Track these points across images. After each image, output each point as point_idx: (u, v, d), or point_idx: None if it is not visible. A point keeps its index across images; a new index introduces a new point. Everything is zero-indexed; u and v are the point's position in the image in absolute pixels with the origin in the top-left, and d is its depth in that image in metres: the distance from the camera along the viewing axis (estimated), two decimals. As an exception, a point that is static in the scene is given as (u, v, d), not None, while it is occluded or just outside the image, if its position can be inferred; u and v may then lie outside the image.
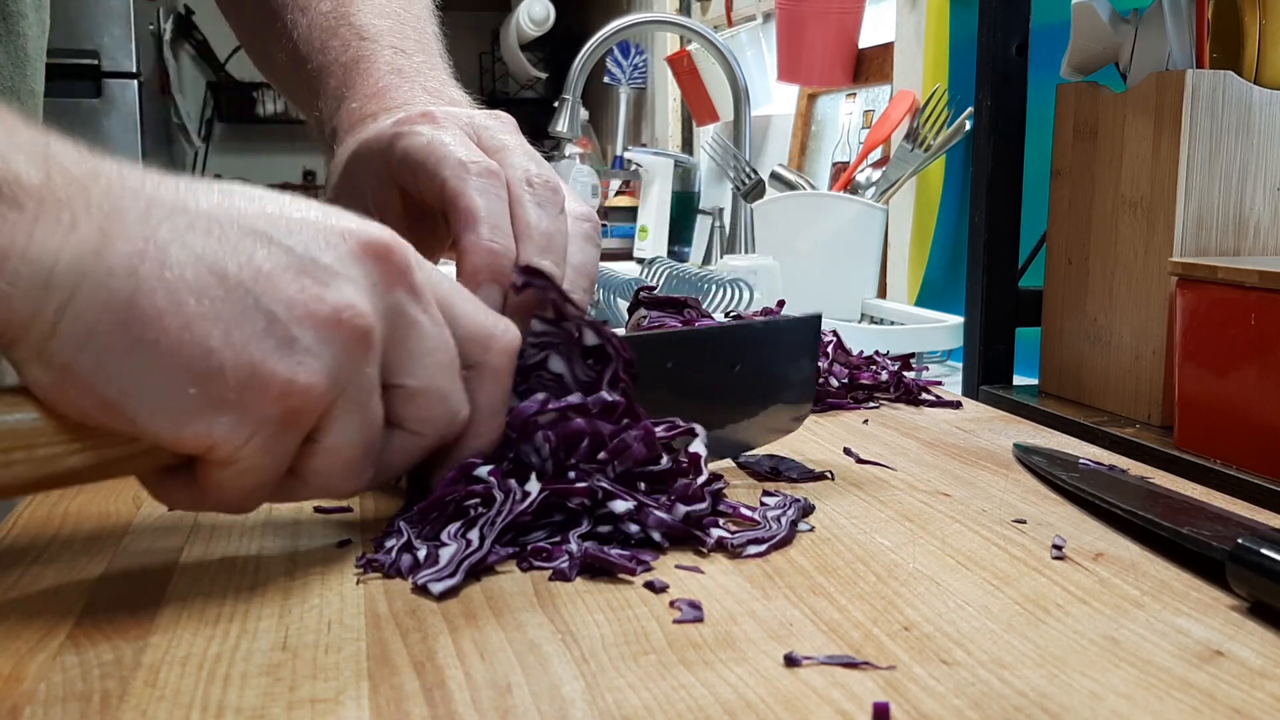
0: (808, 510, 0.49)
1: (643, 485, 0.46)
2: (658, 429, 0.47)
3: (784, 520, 0.46)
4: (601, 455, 0.46)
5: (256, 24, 0.68)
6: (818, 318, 0.56)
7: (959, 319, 1.09)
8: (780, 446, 0.60)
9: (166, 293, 0.35)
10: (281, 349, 0.37)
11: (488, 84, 4.25)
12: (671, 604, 0.39)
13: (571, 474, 0.45)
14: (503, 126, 0.54)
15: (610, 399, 0.47)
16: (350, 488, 0.42)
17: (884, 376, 0.76)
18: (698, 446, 0.47)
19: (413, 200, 0.54)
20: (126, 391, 0.35)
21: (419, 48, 0.62)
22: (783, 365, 0.55)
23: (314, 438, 0.39)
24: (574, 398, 0.46)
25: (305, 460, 0.40)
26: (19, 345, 0.35)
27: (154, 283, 0.35)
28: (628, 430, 0.46)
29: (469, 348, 0.44)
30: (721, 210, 1.65)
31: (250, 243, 0.37)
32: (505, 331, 0.45)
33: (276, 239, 0.38)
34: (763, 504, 0.48)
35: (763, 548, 0.44)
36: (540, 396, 0.46)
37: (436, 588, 0.39)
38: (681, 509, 0.45)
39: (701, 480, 0.46)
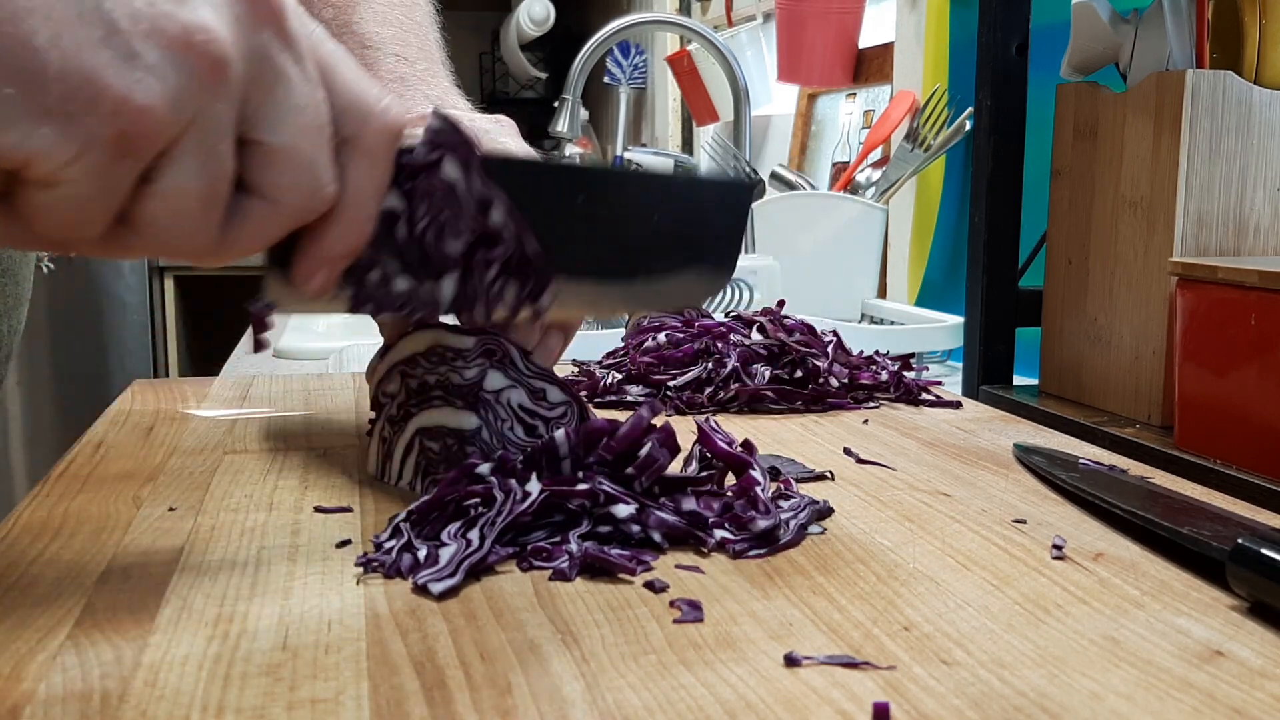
0: (824, 514, 0.49)
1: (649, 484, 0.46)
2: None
3: (793, 524, 0.46)
4: (630, 470, 0.46)
5: None
6: (749, 184, 0.54)
7: (959, 319, 1.09)
8: (780, 446, 0.60)
9: None
10: (118, 61, 0.33)
11: (488, 84, 4.25)
12: (671, 604, 0.39)
13: (580, 473, 0.45)
14: (504, 130, 0.55)
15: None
16: (189, 244, 0.37)
17: (884, 376, 0.76)
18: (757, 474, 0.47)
19: None
20: None
21: (421, 55, 0.62)
22: (705, 227, 0.52)
23: (150, 178, 0.35)
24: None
25: (139, 203, 0.36)
26: None
27: None
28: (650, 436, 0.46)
29: (345, 118, 0.40)
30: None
31: None
32: (387, 109, 0.41)
33: None
34: (777, 505, 0.48)
35: (764, 551, 0.44)
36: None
37: (436, 588, 0.39)
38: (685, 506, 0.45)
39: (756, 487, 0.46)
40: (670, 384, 0.73)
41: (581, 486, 0.44)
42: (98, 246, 0.37)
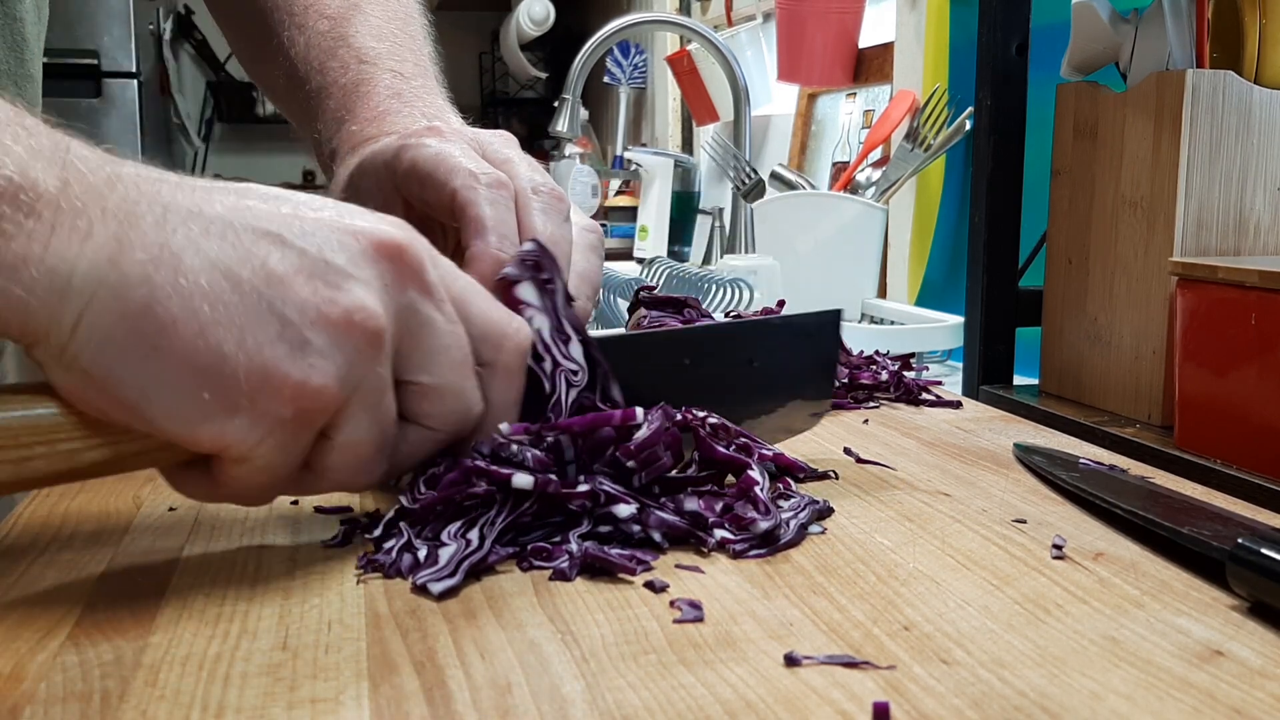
0: (824, 513, 0.49)
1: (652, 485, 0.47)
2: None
3: (793, 524, 0.46)
4: (631, 464, 0.46)
5: (253, 38, 0.68)
6: (837, 313, 0.56)
7: (959, 319, 1.09)
8: (780, 446, 0.60)
9: (181, 300, 0.36)
10: (294, 352, 0.37)
11: (488, 84, 4.25)
12: (672, 604, 0.39)
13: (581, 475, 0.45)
14: (505, 142, 0.56)
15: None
16: (365, 481, 0.42)
17: (884, 376, 0.76)
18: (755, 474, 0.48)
19: (416, 212, 0.55)
20: (143, 394, 0.36)
21: (417, 70, 0.63)
22: (800, 361, 0.55)
23: (328, 434, 0.40)
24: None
25: (320, 456, 0.40)
26: (39, 347, 0.35)
27: (169, 290, 0.35)
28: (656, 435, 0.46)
29: (483, 345, 0.44)
30: (721, 210, 1.65)
31: (264, 246, 0.38)
32: (518, 330, 0.46)
33: (290, 241, 0.38)
34: (778, 505, 0.48)
35: (764, 551, 0.44)
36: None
37: (436, 588, 0.39)
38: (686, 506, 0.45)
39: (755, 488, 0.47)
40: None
41: (582, 488, 0.44)
42: (285, 492, 0.41)
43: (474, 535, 0.42)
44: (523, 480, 0.43)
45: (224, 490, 0.40)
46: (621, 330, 0.59)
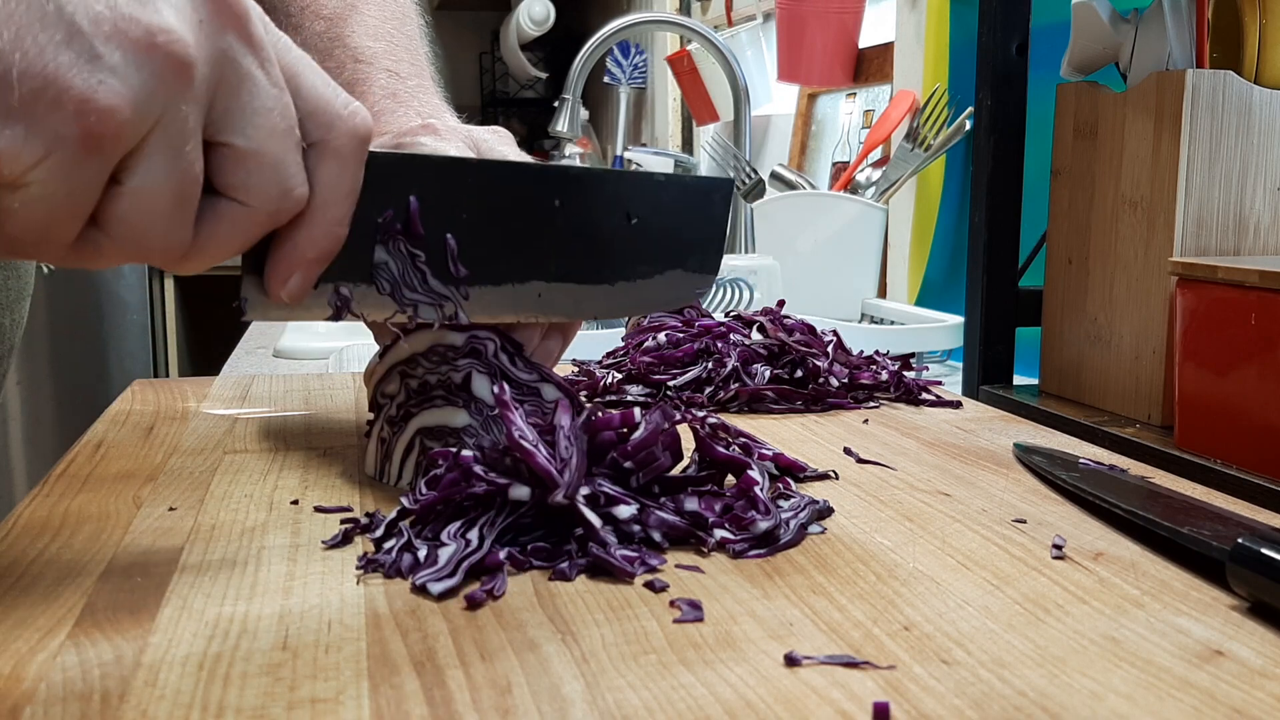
0: (824, 513, 0.49)
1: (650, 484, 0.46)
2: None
3: (793, 524, 0.46)
4: (628, 465, 0.46)
5: None
6: (729, 181, 0.53)
7: (959, 319, 1.09)
8: (780, 446, 0.60)
9: None
10: (81, 62, 0.34)
11: (488, 84, 4.25)
12: (671, 604, 0.39)
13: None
14: (500, 139, 0.55)
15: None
16: (161, 244, 0.38)
17: (884, 376, 0.76)
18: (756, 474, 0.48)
19: None
20: None
21: (413, 71, 0.63)
22: (686, 226, 0.52)
23: (119, 179, 0.36)
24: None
25: (109, 204, 0.37)
26: None
27: None
28: (654, 435, 0.46)
29: (311, 122, 0.41)
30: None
31: None
32: (354, 113, 0.42)
33: None
34: (777, 505, 0.48)
35: (764, 551, 0.44)
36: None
37: (436, 588, 0.39)
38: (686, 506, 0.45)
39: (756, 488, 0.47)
40: (670, 384, 0.73)
41: (583, 491, 0.44)
42: (70, 252, 0.37)
43: (474, 535, 0.42)
44: (519, 492, 0.43)
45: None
46: (621, 329, 0.59)
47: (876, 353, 0.80)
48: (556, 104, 1.61)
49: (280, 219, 0.41)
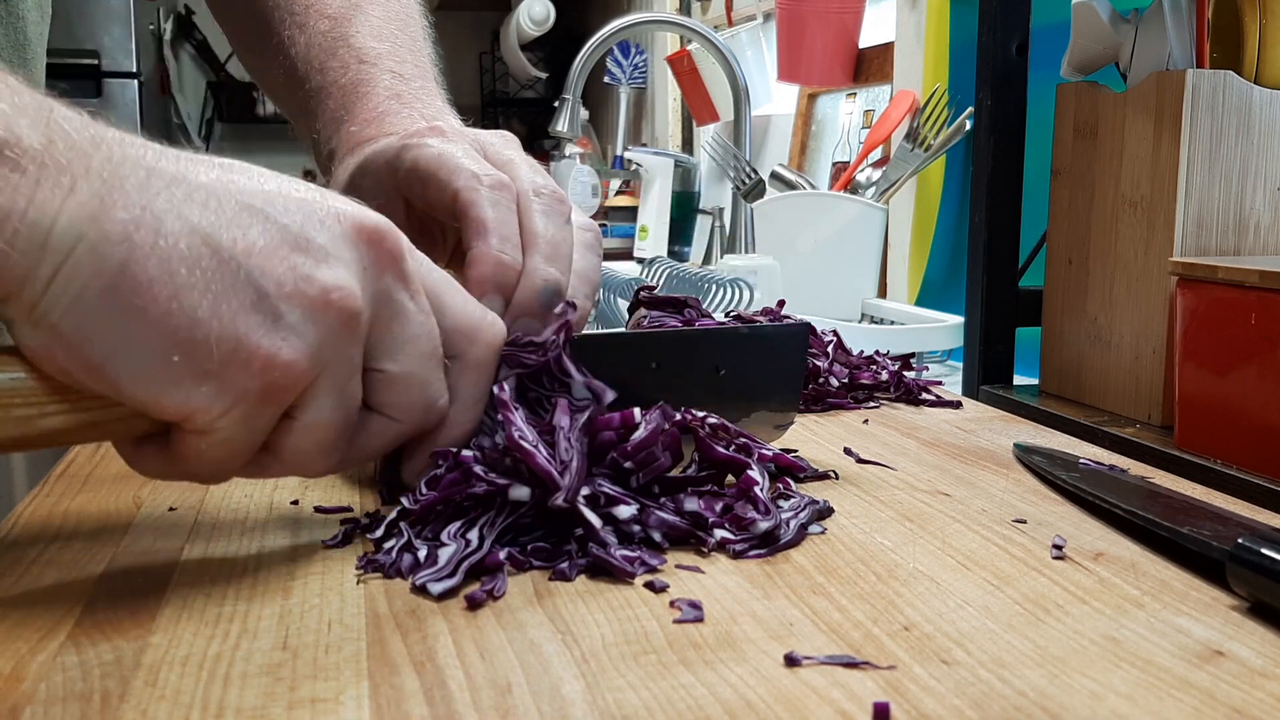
0: (824, 513, 0.49)
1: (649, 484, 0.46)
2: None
3: (793, 524, 0.46)
4: (628, 465, 0.46)
5: (252, 36, 0.68)
6: (806, 326, 0.57)
7: (959, 319, 1.09)
8: (780, 446, 0.60)
9: (159, 261, 0.35)
10: (268, 324, 0.37)
11: (488, 84, 4.25)
12: (672, 604, 0.39)
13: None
14: (507, 143, 0.56)
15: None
16: (323, 467, 0.42)
17: (884, 376, 0.76)
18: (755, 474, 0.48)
19: (416, 212, 0.55)
20: (112, 355, 0.36)
21: (417, 72, 0.63)
22: (768, 371, 0.55)
23: (291, 414, 0.40)
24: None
25: (281, 436, 0.40)
26: (11, 303, 0.35)
27: (147, 250, 0.35)
28: (655, 436, 0.46)
29: (454, 339, 0.44)
30: (721, 210, 1.65)
31: (246, 217, 0.38)
32: (491, 325, 0.46)
33: (273, 215, 0.38)
34: (778, 505, 0.48)
35: (764, 551, 0.44)
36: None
37: (436, 588, 0.39)
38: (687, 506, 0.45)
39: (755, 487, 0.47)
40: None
41: (584, 491, 0.44)
42: (240, 473, 0.41)
43: (473, 535, 0.42)
44: (519, 493, 0.43)
45: (181, 466, 0.39)
46: (622, 329, 0.59)
47: (876, 353, 0.80)
48: (556, 104, 1.61)
49: (425, 429, 0.45)
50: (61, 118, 0.35)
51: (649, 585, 0.40)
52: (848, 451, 0.60)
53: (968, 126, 1.25)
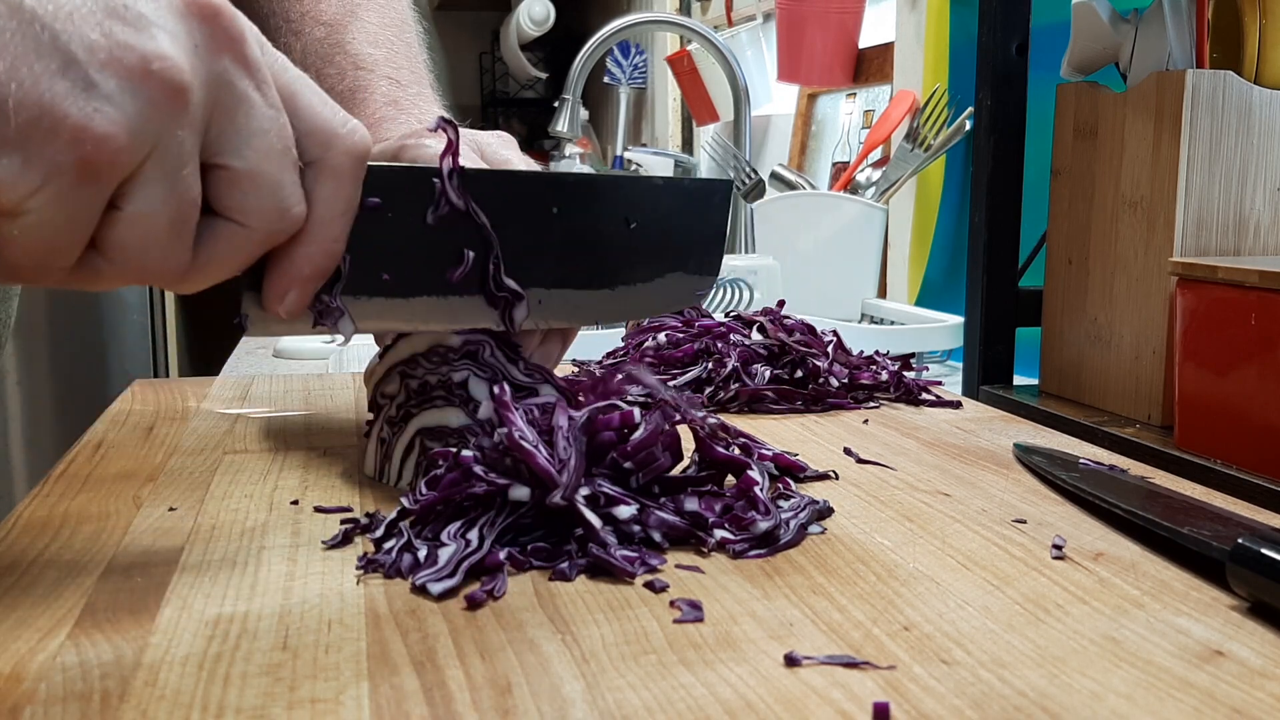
0: (824, 513, 0.49)
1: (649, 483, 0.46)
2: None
3: (793, 524, 0.46)
4: (628, 465, 0.46)
5: None
6: (727, 182, 0.53)
7: (959, 319, 1.09)
8: (780, 446, 0.60)
9: None
10: (76, 91, 0.34)
11: (488, 84, 4.25)
12: (672, 604, 0.39)
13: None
14: (504, 143, 0.56)
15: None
16: (159, 267, 0.38)
17: (884, 376, 0.76)
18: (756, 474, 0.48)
19: None
20: None
21: (413, 78, 0.63)
22: (685, 229, 0.52)
23: (117, 204, 0.36)
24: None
25: (107, 229, 0.37)
26: None
27: None
28: (655, 435, 0.46)
29: (308, 141, 0.41)
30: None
31: None
32: (352, 131, 0.42)
33: None
34: (777, 505, 0.48)
35: (764, 551, 0.44)
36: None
37: (436, 588, 0.39)
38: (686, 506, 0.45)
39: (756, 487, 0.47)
40: (670, 384, 0.73)
41: (583, 491, 0.44)
42: (70, 276, 0.38)
43: (473, 535, 0.42)
44: (519, 493, 0.43)
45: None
46: (621, 330, 0.59)
47: (876, 353, 0.80)
48: (556, 104, 1.61)
49: (278, 238, 0.41)
50: None
51: (649, 585, 0.40)
52: (848, 451, 0.60)
53: (968, 126, 1.25)
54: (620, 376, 0.49)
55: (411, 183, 0.46)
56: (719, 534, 0.45)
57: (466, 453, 0.45)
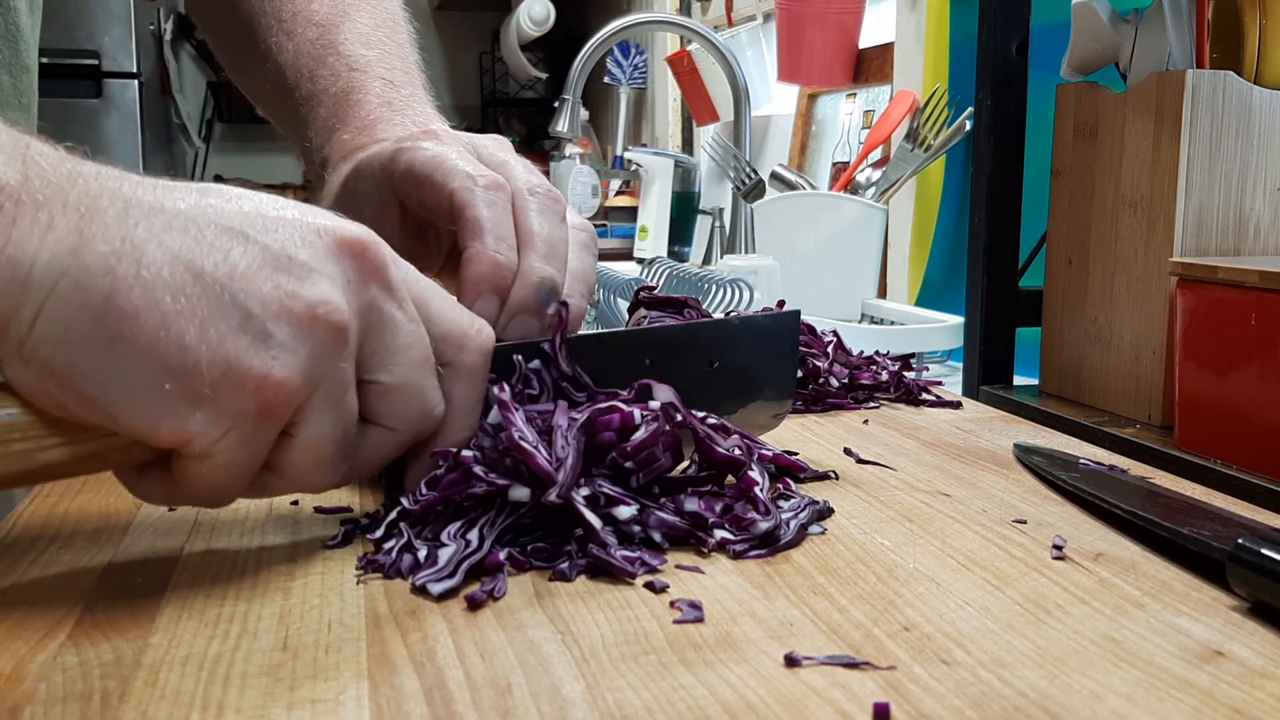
0: (824, 514, 0.49)
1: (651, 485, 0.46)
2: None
3: (793, 524, 0.46)
4: (629, 465, 0.46)
5: (239, 45, 0.68)
6: (796, 314, 0.57)
7: (959, 319, 1.09)
8: (780, 446, 0.60)
9: (143, 291, 0.36)
10: (257, 344, 0.37)
11: (488, 84, 4.25)
12: (672, 604, 0.39)
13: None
14: (500, 145, 0.56)
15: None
16: (325, 481, 0.42)
17: (884, 376, 0.76)
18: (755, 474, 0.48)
19: (410, 215, 0.56)
20: (104, 387, 0.36)
21: (406, 79, 0.63)
22: (761, 362, 0.56)
23: (289, 432, 0.40)
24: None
25: (280, 454, 0.40)
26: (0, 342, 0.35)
27: (130, 281, 0.35)
28: (657, 437, 0.46)
29: (444, 346, 0.45)
30: (721, 210, 1.65)
31: (226, 240, 0.38)
32: (480, 331, 0.46)
33: (253, 236, 0.38)
34: (778, 505, 0.48)
35: (764, 551, 0.44)
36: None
37: (436, 588, 0.39)
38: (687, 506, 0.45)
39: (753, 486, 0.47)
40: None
41: (583, 492, 0.44)
42: (244, 494, 0.41)
43: (473, 536, 0.42)
44: (519, 493, 0.43)
45: (183, 490, 0.39)
46: (621, 328, 0.60)
47: (876, 353, 0.80)
48: (556, 104, 1.61)
49: (423, 437, 0.45)
50: (37, 153, 0.36)
51: (649, 585, 0.40)
52: (848, 452, 0.60)
53: (968, 126, 1.25)
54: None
55: (526, 355, 0.49)
56: (719, 534, 0.45)
57: (466, 453, 0.45)
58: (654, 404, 0.47)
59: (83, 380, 0.35)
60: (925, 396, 0.76)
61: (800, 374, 0.74)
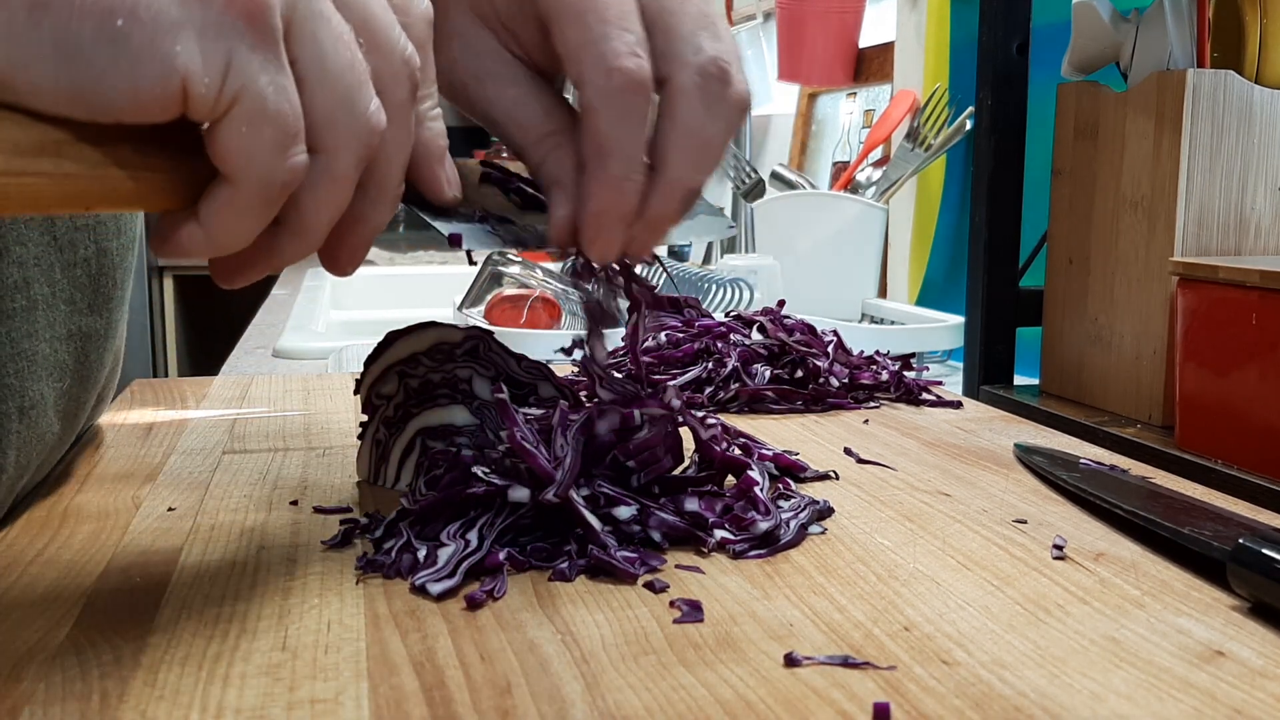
0: (824, 513, 0.49)
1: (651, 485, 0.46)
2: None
3: (793, 524, 0.46)
4: (629, 465, 0.46)
5: None
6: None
7: (959, 319, 1.09)
8: (780, 446, 0.60)
9: None
10: None
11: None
12: (672, 604, 0.39)
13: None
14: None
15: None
16: (331, 216, 0.37)
17: (884, 376, 0.76)
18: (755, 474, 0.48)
19: (501, 39, 0.47)
20: (54, 64, 0.30)
21: None
22: None
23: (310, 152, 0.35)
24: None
25: (299, 192, 0.35)
26: None
27: None
28: (656, 436, 0.46)
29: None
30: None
31: None
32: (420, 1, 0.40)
33: None
34: (778, 505, 0.48)
35: (764, 551, 0.44)
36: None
37: (435, 588, 0.39)
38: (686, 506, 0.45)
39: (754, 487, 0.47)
40: (670, 384, 0.73)
41: (583, 492, 0.44)
42: (253, 261, 0.37)
43: (473, 536, 0.42)
44: (519, 494, 0.43)
45: (214, 208, 0.34)
46: (621, 330, 0.60)
47: (877, 353, 0.80)
48: (557, 104, 1.61)
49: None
50: None
51: (649, 586, 0.40)
52: (848, 451, 0.60)
53: (968, 126, 1.25)
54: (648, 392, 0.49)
55: None
56: (719, 534, 0.45)
57: (466, 453, 0.45)
58: (654, 406, 0.47)
59: (30, 70, 0.30)
60: (925, 396, 0.76)
61: (800, 374, 0.74)
